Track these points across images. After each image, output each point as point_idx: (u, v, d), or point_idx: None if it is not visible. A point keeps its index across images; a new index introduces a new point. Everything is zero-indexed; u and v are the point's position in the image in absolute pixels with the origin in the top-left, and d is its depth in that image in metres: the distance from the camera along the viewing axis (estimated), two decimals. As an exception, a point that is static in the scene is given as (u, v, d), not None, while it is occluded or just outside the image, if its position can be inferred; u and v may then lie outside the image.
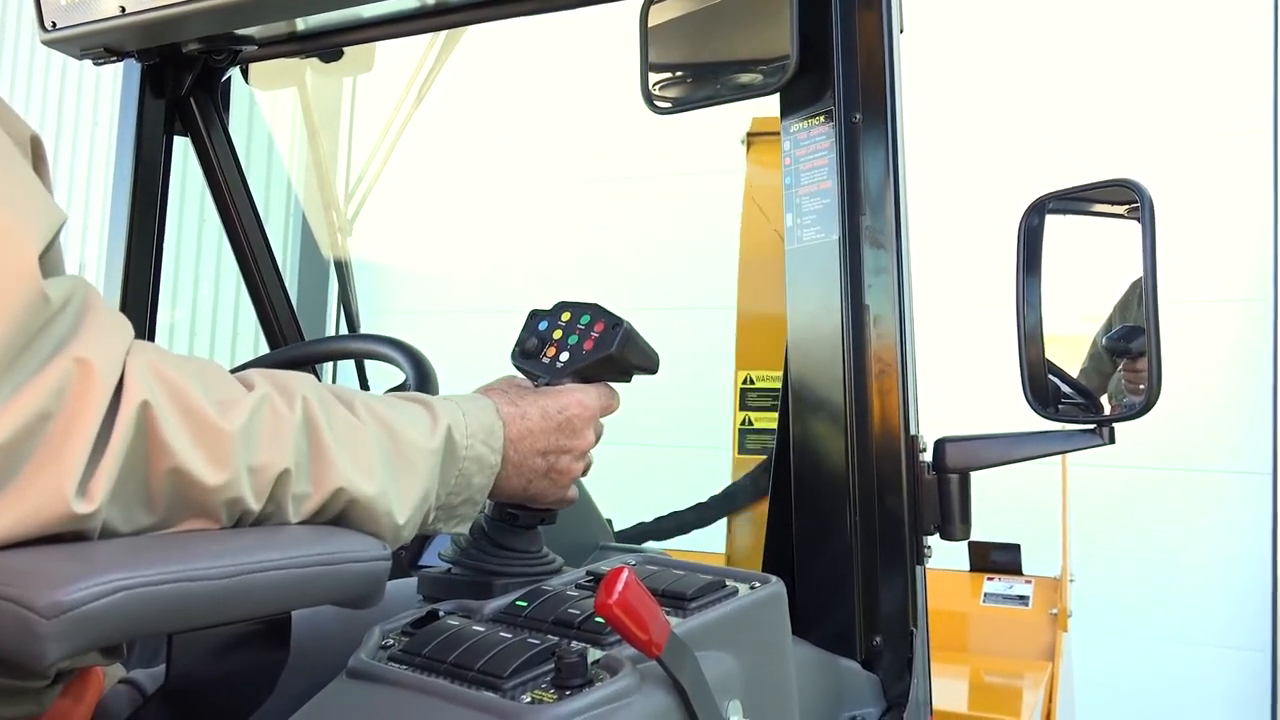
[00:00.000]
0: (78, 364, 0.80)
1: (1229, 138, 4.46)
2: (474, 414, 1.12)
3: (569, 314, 1.26)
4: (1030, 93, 4.74)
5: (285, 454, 0.93)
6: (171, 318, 6.53)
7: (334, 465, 0.96)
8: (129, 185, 2.16)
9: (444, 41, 2.37)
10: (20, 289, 0.78)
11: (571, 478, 1.21)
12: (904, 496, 1.42)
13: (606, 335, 1.22)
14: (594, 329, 1.23)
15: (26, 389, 0.78)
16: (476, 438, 1.10)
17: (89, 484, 0.80)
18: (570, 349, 1.23)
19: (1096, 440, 1.43)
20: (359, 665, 1.01)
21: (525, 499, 1.20)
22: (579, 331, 1.24)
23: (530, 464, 1.16)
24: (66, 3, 1.89)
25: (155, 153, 2.18)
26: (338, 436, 0.98)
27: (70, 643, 0.76)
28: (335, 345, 1.98)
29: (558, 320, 1.26)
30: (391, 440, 1.03)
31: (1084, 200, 1.50)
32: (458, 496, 1.11)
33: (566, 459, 1.19)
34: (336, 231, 2.65)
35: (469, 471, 1.10)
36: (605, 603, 0.85)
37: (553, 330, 1.25)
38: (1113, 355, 1.44)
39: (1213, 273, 4.40)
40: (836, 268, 1.44)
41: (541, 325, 1.26)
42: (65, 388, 0.80)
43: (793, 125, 1.51)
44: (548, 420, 1.17)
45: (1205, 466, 4.38)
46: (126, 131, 2.16)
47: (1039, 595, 2.97)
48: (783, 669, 1.13)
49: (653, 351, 1.27)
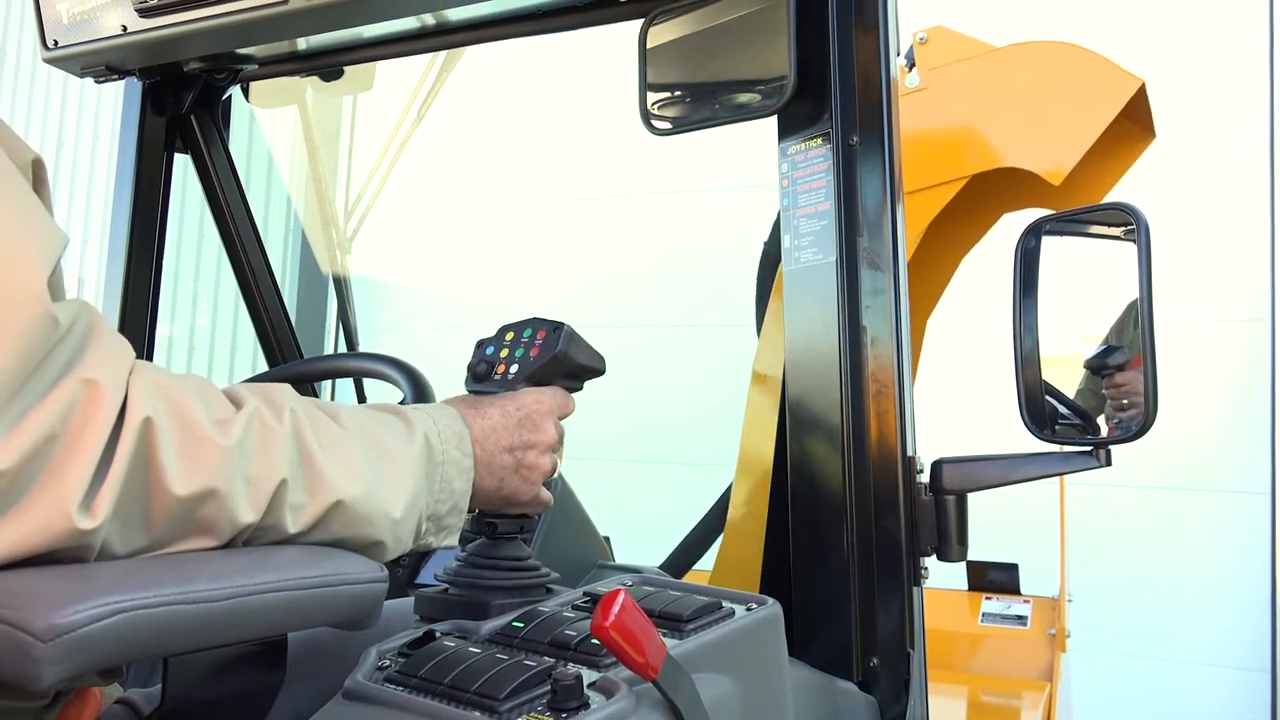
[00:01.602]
0: (85, 385, 0.82)
1: (1227, 159, 4.48)
2: (443, 421, 1.14)
3: (511, 333, 1.31)
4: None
5: (280, 466, 0.94)
6: (170, 333, 6.53)
7: (324, 474, 0.98)
8: (129, 202, 2.16)
9: (444, 61, 2.38)
10: (29, 313, 0.79)
11: (541, 473, 1.22)
12: (901, 517, 1.42)
13: (550, 339, 1.27)
14: (537, 338, 1.28)
15: (35, 412, 0.79)
16: (450, 443, 1.13)
17: (93, 501, 0.81)
18: (518, 360, 1.27)
19: (1093, 462, 1.44)
20: (355, 686, 1.01)
21: (502, 500, 1.21)
22: (523, 344, 1.28)
23: (499, 461, 1.19)
24: (68, 21, 1.90)
25: (155, 170, 2.19)
26: (324, 445, 0.99)
27: (67, 665, 0.76)
28: (332, 364, 1.98)
29: (502, 341, 1.31)
30: (375, 446, 1.05)
31: (1080, 223, 1.51)
32: (444, 505, 1.12)
33: (533, 454, 1.21)
34: (335, 249, 2.66)
35: (449, 476, 1.12)
36: (601, 625, 0.85)
37: (499, 350, 1.30)
38: (1095, 374, 1.44)
39: (1211, 293, 4.41)
40: (834, 289, 1.45)
41: (488, 350, 1.31)
42: (72, 409, 0.81)
43: (790, 147, 1.51)
44: (508, 418, 1.20)
45: (1204, 486, 4.38)
46: (127, 149, 2.17)
47: (1037, 615, 2.97)
48: (779, 691, 1.13)
49: (597, 351, 1.31)
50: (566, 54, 4.63)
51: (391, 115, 2.58)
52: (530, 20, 1.80)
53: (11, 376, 0.78)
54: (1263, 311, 4.35)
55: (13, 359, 0.78)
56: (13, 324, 0.78)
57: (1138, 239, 1.37)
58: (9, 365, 0.77)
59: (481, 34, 1.88)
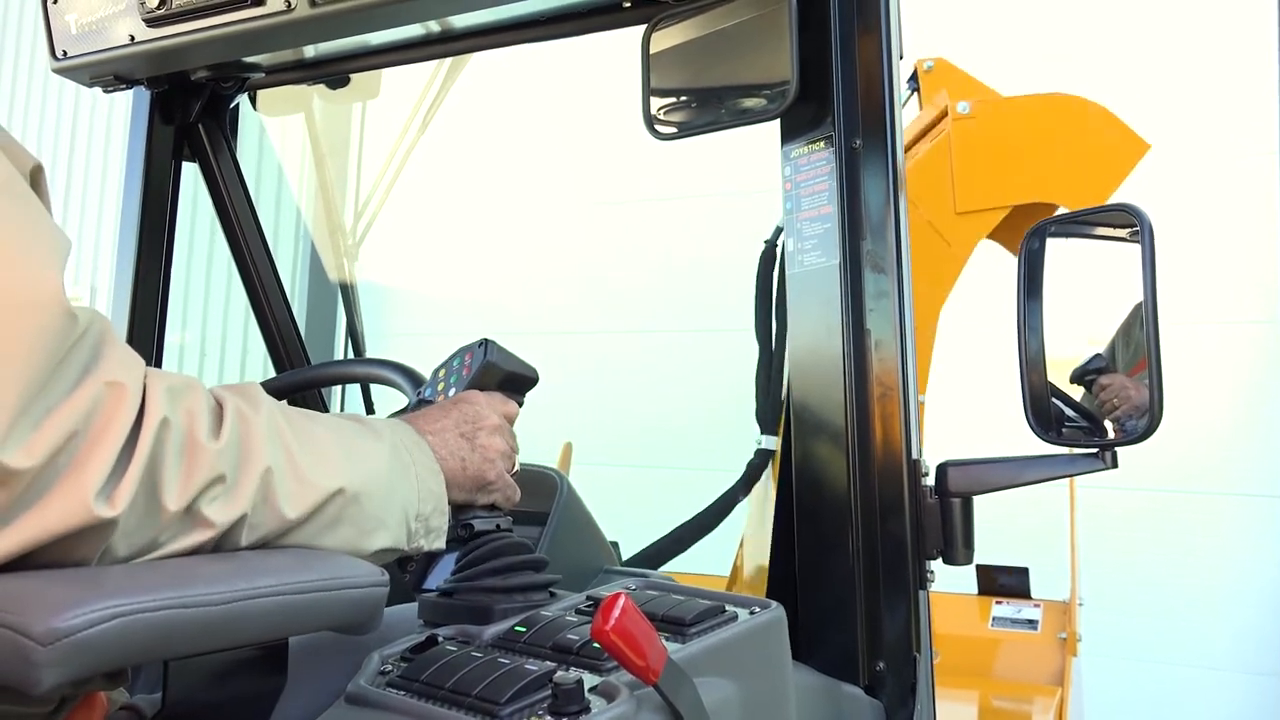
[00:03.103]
0: (110, 387, 0.85)
1: (1236, 160, 4.46)
2: (397, 429, 1.18)
3: (443, 369, 1.38)
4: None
5: (263, 455, 0.97)
6: (182, 341, 6.56)
7: (307, 461, 1.01)
8: (137, 210, 2.18)
9: (449, 68, 2.38)
10: (50, 313, 0.82)
11: (496, 451, 1.25)
12: (906, 521, 1.42)
13: (477, 354, 1.33)
14: (465, 358, 1.35)
15: (58, 411, 0.82)
16: (412, 449, 1.16)
17: (112, 492, 0.84)
18: (455, 385, 1.34)
19: (1099, 464, 1.43)
20: (358, 691, 1.01)
21: (470, 482, 1.23)
22: (454, 370, 1.35)
23: (455, 444, 1.22)
24: (76, 31, 1.91)
25: (164, 178, 2.20)
26: (301, 437, 1.02)
27: (66, 669, 0.76)
28: (338, 370, 1.99)
29: (436, 379, 1.38)
30: (348, 443, 1.09)
31: (1085, 224, 1.51)
32: (427, 505, 1.15)
33: (483, 434, 1.25)
34: (343, 256, 2.67)
35: (423, 477, 1.15)
36: (601, 629, 0.85)
37: (436, 385, 1.37)
38: (1081, 383, 1.44)
39: (1221, 295, 4.39)
40: (838, 292, 1.45)
41: (427, 392, 1.38)
42: (96, 409, 0.84)
43: (793, 150, 1.51)
44: (445, 410, 1.26)
45: (1214, 489, 4.36)
46: (135, 157, 2.18)
47: (1048, 619, 2.95)
48: (782, 695, 1.13)
49: (524, 361, 1.37)
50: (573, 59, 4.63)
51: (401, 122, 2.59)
52: (534, 27, 1.80)
53: (36, 376, 0.80)
54: (1273, 313, 4.33)
55: (38, 357, 0.80)
56: (36, 324, 0.81)
57: (1142, 240, 1.36)
58: (34, 364, 0.80)
59: (486, 40, 1.88)
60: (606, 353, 5.33)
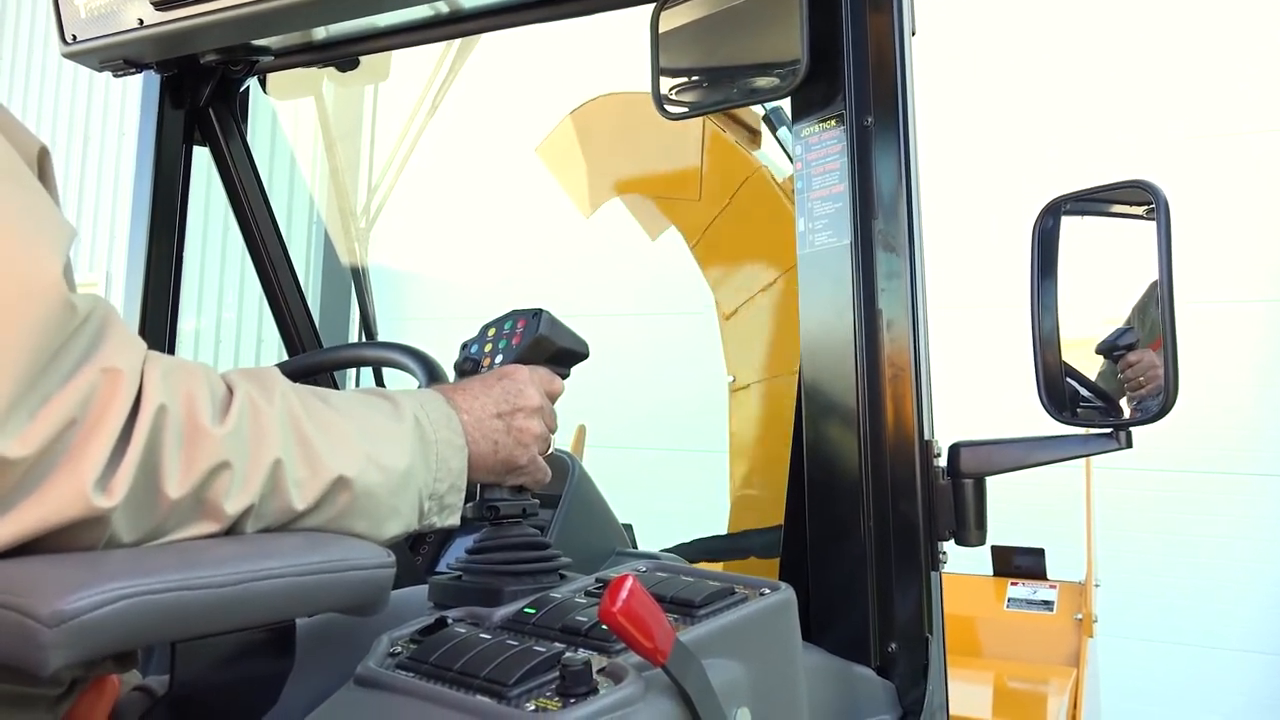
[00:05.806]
0: (104, 373, 0.84)
1: (1245, 137, 4.41)
2: (428, 403, 1.15)
3: (493, 328, 1.33)
4: (1045, 92, 4.70)
5: (274, 446, 0.95)
6: (198, 326, 6.58)
7: (321, 451, 0.99)
8: (149, 195, 2.18)
9: (459, 49, 2.37)
10: (48, 302, 0.81)
11: (532, 435, 1.22)
12: (918, 502, 1.41)
13: (530, 324, 1.29)
14: (518, 326, 1.30)
15: (56, 399, 0.81)
16: (439, 425, 1.14)
17: (109, 481, 0.83)
18: (502, 351, 1.29)
19: (1113, 444, 1.42)
20: (367, 672, 1.01)
21: (500, 465, 1.21)
22: (505, 335, 1.30)
23: (490, 426, 1.20)
24: (86, 16, 1.91)
25: (174, 163, 2.20)
26: (317, 425, 1.00)
27: (72, 651, 0.76)
28: (349, 353, 1.99)
29: (485, 338, 1.33)
30: (367, 425, 1.07)
31: (1099, 201, 1.49)
32: (443, 484, 1.13)
33: (520, 417, 1.22)
34: (354, 240, 2.67)
35: (445, 455, 1.13)
36: (609, 610, 0.84)
37: (483, 347, 1.32)
38: (1107, 357, 1.42)
39: (1233, 273, 4.36)
40: (849, 272, 1.43)
41: (473, 348, 1.33)
42: (92, 396, 0.83)
43: (804, 129, 1.50)
44: (488, 385, 1.22)
45: (1227, 469, 4.33)
46: (146, 142, 2.18)
47: (1064, 600, 2.94)
48: (792, 676, 1.12)
49: (578, 335, 1.33)
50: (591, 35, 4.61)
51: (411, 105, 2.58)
52: (543, 6, 1.79)
53: (33, 365, 0.79)
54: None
55: (34, 347, 0.80)
56: (33, 313, 0.80)
57: (1157, 217, 1.35)
58: (31, 354, 0.79)
59: (495, 21, 1.87)
60: (624, 335, 5.32)
